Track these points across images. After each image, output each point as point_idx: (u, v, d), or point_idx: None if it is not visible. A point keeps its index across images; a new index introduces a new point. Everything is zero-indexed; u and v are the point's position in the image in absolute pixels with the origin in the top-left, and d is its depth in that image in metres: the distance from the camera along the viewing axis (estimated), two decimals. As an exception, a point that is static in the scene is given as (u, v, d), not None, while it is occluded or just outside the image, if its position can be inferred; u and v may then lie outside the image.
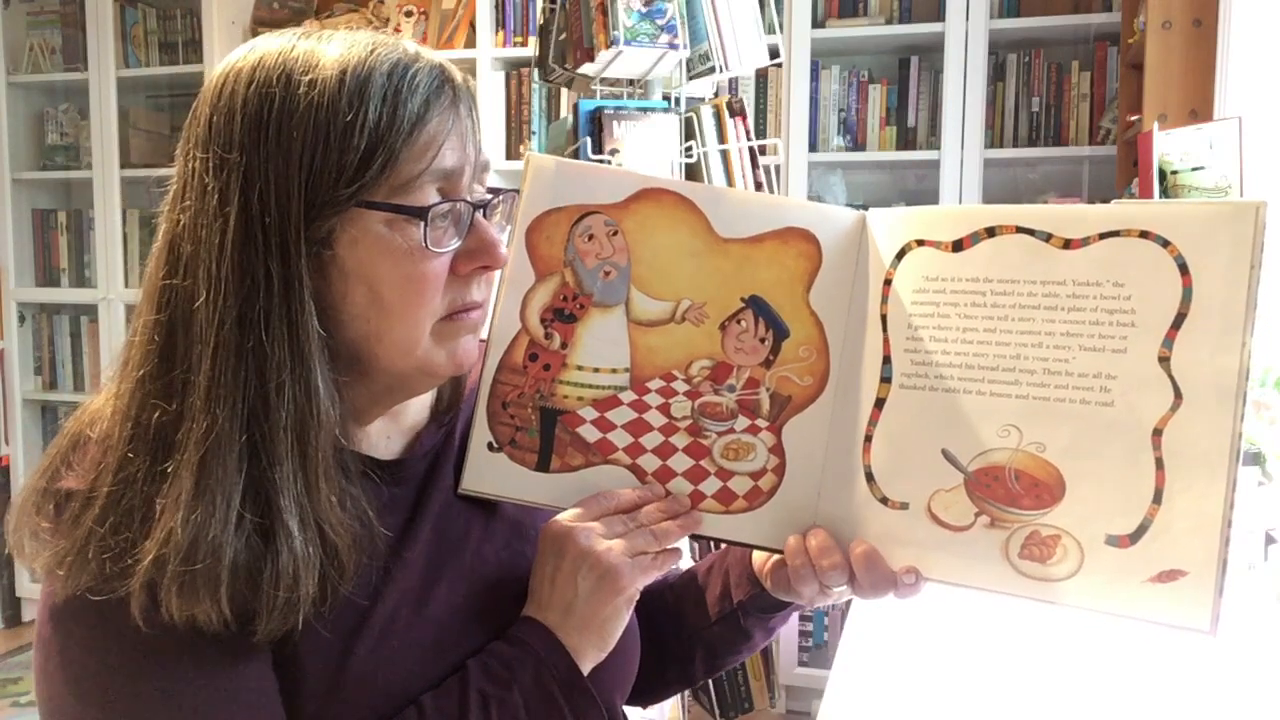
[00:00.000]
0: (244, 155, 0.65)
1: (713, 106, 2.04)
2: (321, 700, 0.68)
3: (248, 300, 0.65)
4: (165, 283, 0.67)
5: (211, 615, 0.62)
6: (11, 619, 3.54)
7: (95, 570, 0.63)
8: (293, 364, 0.66)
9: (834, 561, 0.76)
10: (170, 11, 3.40)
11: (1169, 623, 0.69)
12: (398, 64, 0.67)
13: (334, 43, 0.68)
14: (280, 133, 0.65)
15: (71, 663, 0.65)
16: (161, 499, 0.63)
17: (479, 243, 0.72)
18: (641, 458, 0.80)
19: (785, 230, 0.80)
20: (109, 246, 3.37)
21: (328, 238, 0.67)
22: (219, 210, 0.65)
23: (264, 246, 0.65)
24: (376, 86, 0.66)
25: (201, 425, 0.64)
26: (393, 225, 0.67)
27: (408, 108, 0.66)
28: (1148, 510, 0.70)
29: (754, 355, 0.80)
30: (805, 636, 2.90)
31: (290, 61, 0.67)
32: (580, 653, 0.73)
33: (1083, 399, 0.72)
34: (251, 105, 0.66)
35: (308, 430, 0.66)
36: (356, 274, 0.68)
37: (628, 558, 0.74)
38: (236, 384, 0.65)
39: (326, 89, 0.65)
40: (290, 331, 0.66)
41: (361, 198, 0.66)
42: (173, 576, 0.61)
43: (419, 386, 0.77)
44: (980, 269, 0.75)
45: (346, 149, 0.65)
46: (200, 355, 0.65)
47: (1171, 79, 2.18)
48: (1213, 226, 0.69)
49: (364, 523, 0.69)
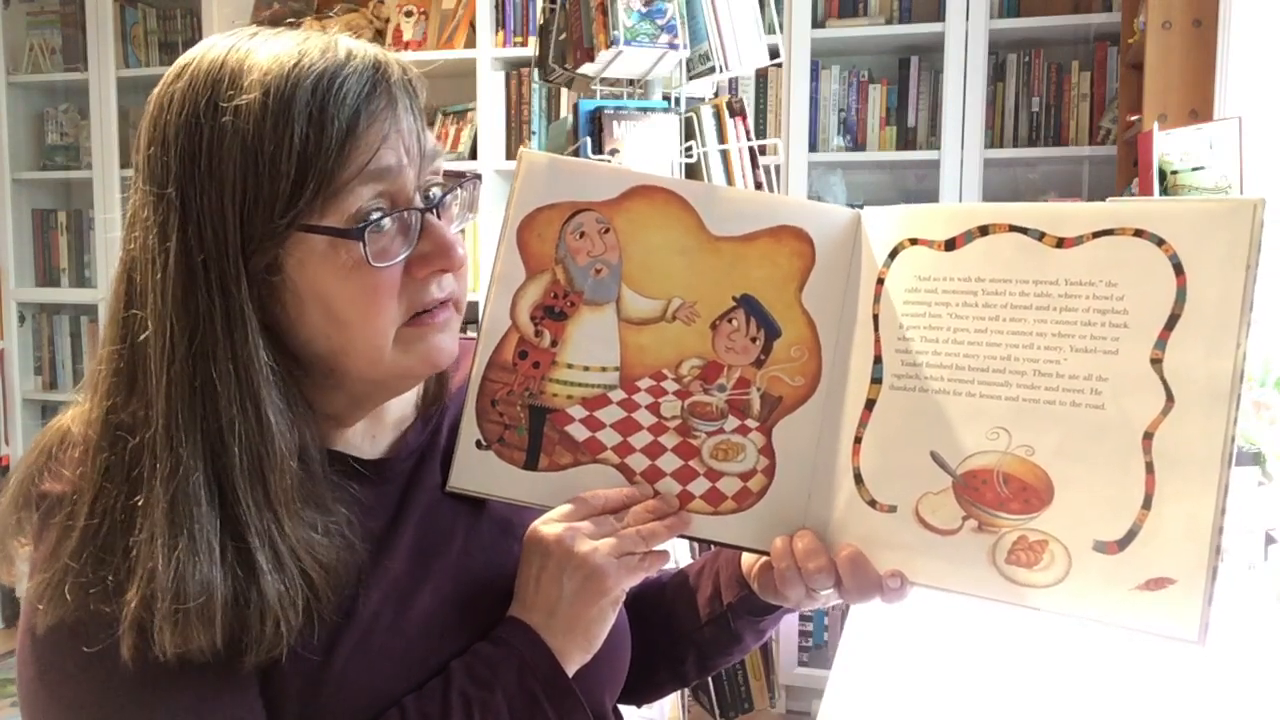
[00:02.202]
0: (179, 190, 0.64)
1: (713, 106, 2.04)
2: (304, 701, 0.67)
3: (194, 335, 0.64)
4: (124, 314, 0.67)
5: (206, 650, 0.62)
6: (11, 619, 3.54)
7: (77, 604, 0.62)
8: (242, 398, 0.65)
9: (820, 564, 0.75)
10: (170, 11, 3.41)
11: (1156, 631, 0.67)
12: (322, 76, 0.65)
13: (263, 54, 0.65)
14: (210, 165, 0.64)
15: (59, 696, 0.64)
16: (135, 536, 0.62)
17: (433, 246, 0.69)
18: (630, 457, 0.80)
19: (778, 229, 0.80)
20: (109, 246, 3.37)
21: (274, 263, 0.66)
22: (160, 245, 0.65)
23: (204, 282, 0.64)
24: (300, 106, 0.63)
25: (166, 464, 0.63)
26: (335, 244, 0.66)
27: (335, 125, 0.64)
28: (1137, 516, 0.68)
29: (745, 355, 0.80)
30: (805, 636, 2.90)
31: (218, 84, 0.65)
32: (565, 654, 0.73)
33: (1073, 401, 0.70)
34: (181, 138, 0.65)
35: (264, 465, 0.65)
36: (309, 294, 0.67)
37: (614, 558, 0.73)
38: (193, 420, 0.64)
39: (250, 115, 0.63)
40: (235, 366, 0.65)
41: (300, 222, 0.64)
42: (165, 615, 0.60)
43: (397, 388, 0.77)
44: (972, 268, 0.74)
45: (276, 176, 0.63)
46: (156, 389, 0.64)
47: (1171, 79, 2.17)
48: (1208, 225, 0.67)
49: (346, 545, 0.69)
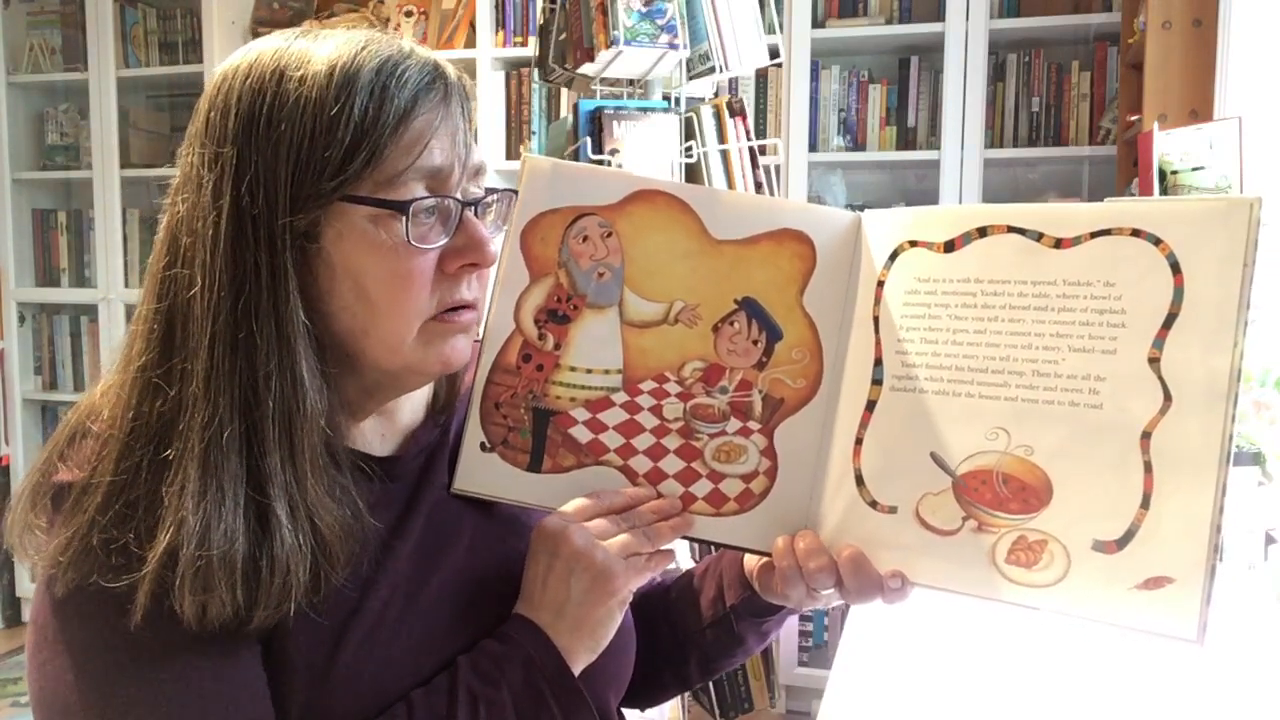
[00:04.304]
0: (236, 149, 0.67)
1: (713, 106, 2.04)
2: (311, 694, 0.68)
3: (239, 291, 0.66)
4: (165, 273, 0.69)
5: (225, 602, 0.63)
6: (11, 619, 3.54)
7: (100, 562, 0.64)
8: (280, 354, 0.67)
9: (821, 564, 0.76)
10: (170, 11, 3.40)
11: (1155, 631, 0.67)
12: (388, 60, 0.68)
13: (329, 41, 0.69)
14: (270, 127, 0.66)
15: (74, 653, 0.65)
16: (166, 487, 0.64)
17: (467, 240, 0.71)
18: (633, 459, 0.80)
19: (780, 232, 0.80)
20: (109, 246, 3.38)
21: (313, 231, 0.67)
22: (213, 203, 0.67)
23: (253, 238, 0.66)
24: (364, 81, 0.67)
25: (202, 414, 0.65)
26: (377, 221, 0.68)
27: (395, 103, 0.67)
28: (1135, 515, 0.68)
29: (747, 357, 0.80)
30: (805, 636, 2.90)
31: (284, 59, 0.68)
32: (572, 653, 0.73)
33: (1071, 401, 0.70)
34: (245, 101, 0.67)
35: (294, 420, 0.67)
36: (343, 268, 0.68)
37: (621, 559, 0.73)
38: (233, 373, 0.66)
39: (315, 83, 0.66)
40: (277, 322, 0.67)
41: (345, 192, 0.67)
42: (188, 563, 0.62)
43: (409, 384, 0.77)
44: (971, 269, 0.75)
45: (331, 143, 0.66)
46: (198, 344, 0.66)
47: (1171, 79, 2.17)
48: (1205, 224, 0.67)
49: (355, 513, 0.70)
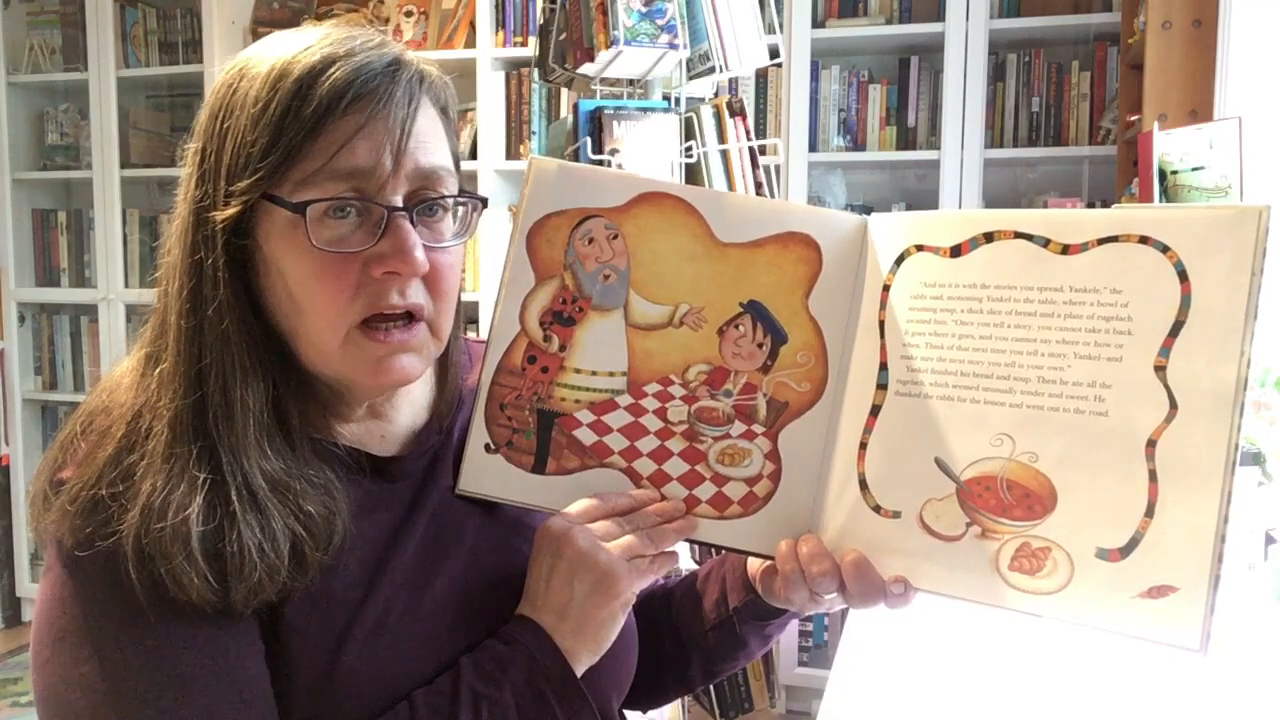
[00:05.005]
0: (201, 144, 0.70)
1: (713, 106, 2.04)
2: (313, 693, 0.68)
3: (189, 281, 0.69)
4: (163, 260, 0.73)
5: (192, 576, 0.64)
6: (11, 619, 3.54)
7: (102, 515, 0.65)
8: (220, 347, 0.69)
9: (824, 568, 0.76)
10: (170, 11, 3.40)
11: (1158, 639, 0.67)
12: (326, 58, 0.68)
13: (298, 38, 0.70)
14: (221, 122, 0.69)
15: (84, 607, 0.66)
16: (143, 463, 0.67)
17: (392, 246, 0.69)
18: (637, 461, 0.80)
19: (786, 235, 0.80)
20: (109, 246, 3.37)
21: (245, 228, 0.69)
22: (184, 196, 0.71)
23: (201, 232, 0.69)
24: (292, 79, 0.67)
25: (166, 396, 0.69)
26: (294, 221, 0.68)
27: (316, 102, 0.67)
28: (1139, 523, 0.68)
29: (751, 360, 0.80)
30: (805, 636, 2.90)
31: (252, 56, 0.70)
32: (574, 655, 0.73)
33: (1076, 408, 0.70)
34: (213, 97, 0.71)
35: (234, 410, 0.68)
36: (275, 267, 0.70)
37: (625, 561, 0.73)
38: (191, 359, 0.68)
39: (255, 80, 0.68)
40: (219, 315, 0.68)
41: (266, 189, 0.67)
42: (148, 532, 0.64)
43: (357, 394, 0.76)
44: (977, 275, 0.74)
45: (257, 139, 0.67)
46: (170, 330, 0.70)
47: (1171, 79, 2.17)
48: (1214, 232, 0.67)
49: (330, 505, 0.70)
